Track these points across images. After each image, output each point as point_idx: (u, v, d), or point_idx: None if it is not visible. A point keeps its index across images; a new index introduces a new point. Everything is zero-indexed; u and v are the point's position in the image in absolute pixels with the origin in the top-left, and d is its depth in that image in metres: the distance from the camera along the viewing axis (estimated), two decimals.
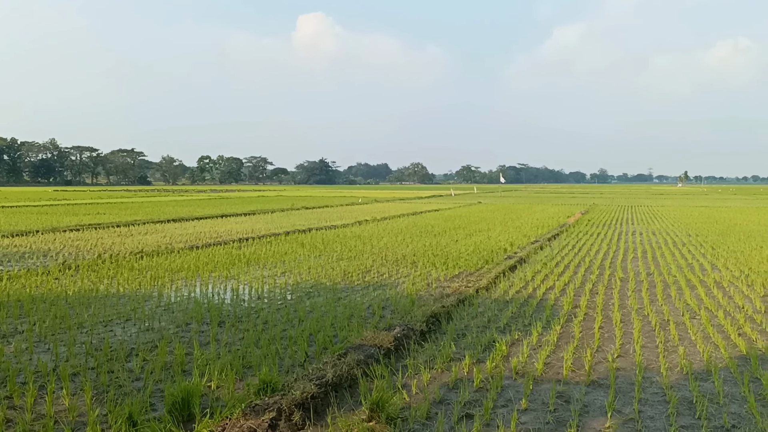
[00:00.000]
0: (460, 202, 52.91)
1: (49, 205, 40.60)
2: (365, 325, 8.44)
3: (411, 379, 6.39)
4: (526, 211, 38.24)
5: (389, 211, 37.10)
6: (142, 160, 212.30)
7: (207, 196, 69.42)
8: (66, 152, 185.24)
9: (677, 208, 43.01)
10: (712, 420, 5.37)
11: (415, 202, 52.34)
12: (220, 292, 11.04)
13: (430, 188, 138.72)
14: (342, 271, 13.22)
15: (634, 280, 12.39)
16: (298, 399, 5.37)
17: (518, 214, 34.88)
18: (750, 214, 35.87)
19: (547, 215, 33.32)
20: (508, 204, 49.71)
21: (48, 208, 37.34)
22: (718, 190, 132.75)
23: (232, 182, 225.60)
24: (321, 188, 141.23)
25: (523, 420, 5.39)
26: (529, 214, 34.01)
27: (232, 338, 7.92)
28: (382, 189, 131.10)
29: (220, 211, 34.01)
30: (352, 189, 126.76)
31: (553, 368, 6.81)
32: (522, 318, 9.10)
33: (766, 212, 37.59)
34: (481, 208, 41.44)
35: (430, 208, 40.56)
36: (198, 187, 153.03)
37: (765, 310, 9.69)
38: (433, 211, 36.98)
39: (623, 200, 61.29)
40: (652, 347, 7.63)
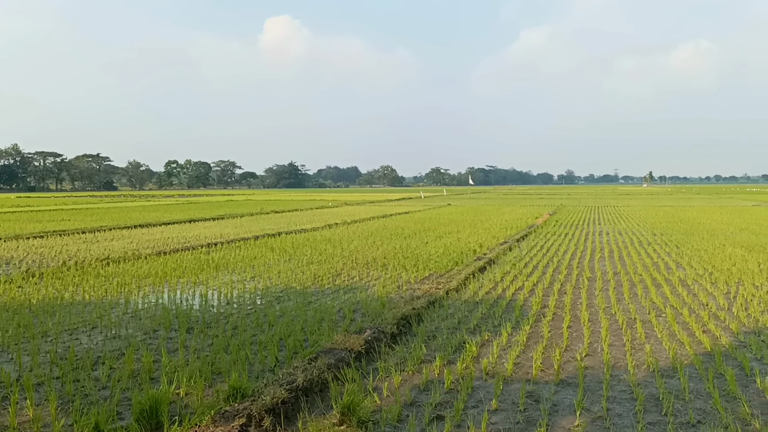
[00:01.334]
0: (429, 205, 53.10)
1: (12, 212, 39.77)
2: (336, 328, 8.42)
3: (382, 382, 6.38)
4: (495, 212, 38.52)
5: (359, 214, 37.07)
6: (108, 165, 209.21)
7: (175, 201, 68.65)
8: (29, 158, 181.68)
9: (642, 208, 43.71)
10: (678, 416, 5.46)
11: (385, 205, 52.38)
12: (189, 298, 10.92)
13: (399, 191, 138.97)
14: (312, 274, 13.17)
15: (602, 280, 12.55)
16: (269, 404, 5.33)
17: (487, 215, 35.12)
18: (713, 213, 36.61)
19: (515, 216, 33.61)
20: (477, 206, 50.03)
21: (10, 215, 36.55)
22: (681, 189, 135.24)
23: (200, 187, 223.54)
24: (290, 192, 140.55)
25: (494, 420, 5.42)
26: (498, 216, 34.27)
27: (201, 344, 7.83)
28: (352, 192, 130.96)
29: (188, 216, 33.64)
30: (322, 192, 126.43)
31: (523, 368, 6.87)
32: (492, 319, 9.16)
33: (729, 211, 38.40)
34: (451, 210, 41.64)
35: (400, 211, 40.63)
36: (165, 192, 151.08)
37: (728, 307, 9.89)
38: (403, 214, 37.05)
39: (590, 201, 62.09)
40: (619, 345, 7.74)
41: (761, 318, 8.98)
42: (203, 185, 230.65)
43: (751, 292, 10.91)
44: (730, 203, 52.82)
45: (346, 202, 57.07)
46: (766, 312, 9.41)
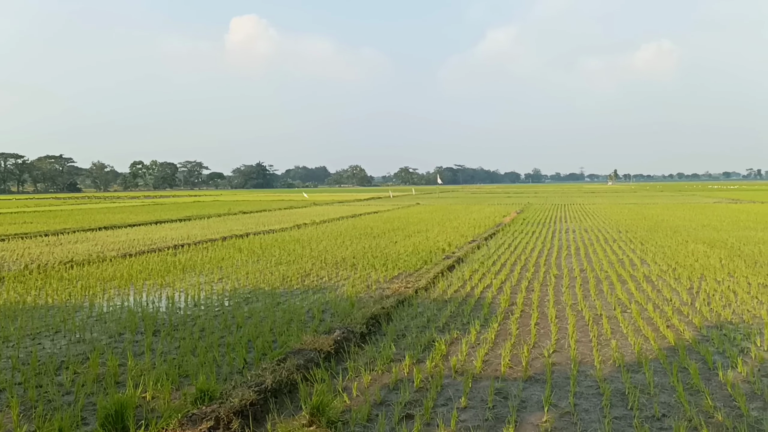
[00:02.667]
0: (398, 204, 53.20)
1: None
2: (305, 329, 8.37)
3: (352, 382, 6.37)
4: (463, 211, 38.74)
5: (328, 214, 36.98)
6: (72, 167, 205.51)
7: (140, 202, 67.70)
8: None
9: (608, 206, 44.35)
10: (643, 410, 5.54)
11: (354, 205, 52.33)
12: (155, 301, 10.77)
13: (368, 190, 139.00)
14: (281, 275, 13.09)
15: (568, 277, 12.70)
16: (237, 406, 5.28)
17: (456, 214, 35.30)
18: (676, 210, 37.30)
19: (483, 215, 33.84)
20: (445, 205, 50.26)
21: None
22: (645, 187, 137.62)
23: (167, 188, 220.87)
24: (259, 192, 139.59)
25: (463, 418, 5.44)
26: (467, 215, 34.47)
27: (168, 347, 7.73)
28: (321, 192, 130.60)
29: (155, 218, 33.20)
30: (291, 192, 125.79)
31: (492, 365, 6.91)
32: (461, 317, 9.20)
33: (691, 208, 39.17)
34: (420, 210, 41.77)
35: (369, 210, 40.63)
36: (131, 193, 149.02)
37: (691, 302, 10.08)
38: (372, 213, 37.05)
39: (557, 199, 62.81)
40: (586, 341, 7.83)
41: (723, 312, 9.17)
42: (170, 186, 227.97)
43: (713, 287, 11.14)
44: (692, 200, 53.90)
45: (314, 202, 56.87)
46: (728, 307, 9.61)
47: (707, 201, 51.71)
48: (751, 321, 8.67)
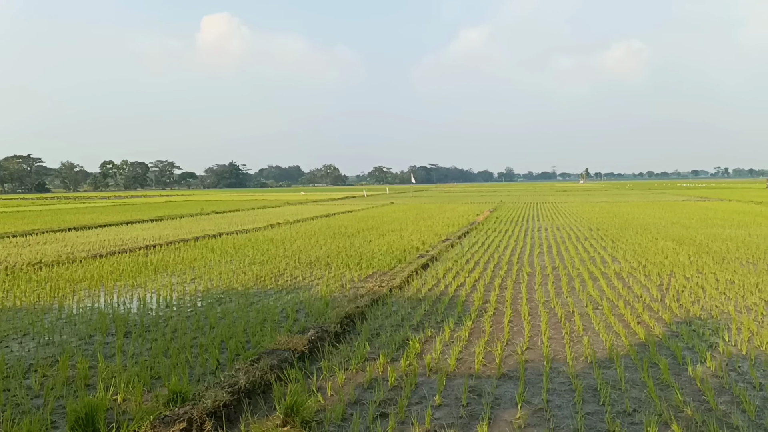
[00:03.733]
0: (372, 203, 53.19)
1: None
2: (279, 329, 8.34)
3: (326, 381, 6.36)
4: (437, 210, 38.86)
5: (302, 213, 36.84)
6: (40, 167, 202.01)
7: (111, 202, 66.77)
8: None
9: (579, 204, 44.82)
10: (615, 405, 5.61)
11: (328, 204, 52.20)
12: (126, 302, 10.64)
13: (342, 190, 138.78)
14: (254, 275, 13.01)
15: (541, 274, 12.81)
16: (210, 408, 5.24)
17: (429, 213, 35.40)
18: (646, 208, 37.82)
19: (457, 214, 33.98)
20: (419, 203, 50.38)
21: None
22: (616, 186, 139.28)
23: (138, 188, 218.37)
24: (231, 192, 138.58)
25: (437, 416, 5.46)
26: (440, 213, 34.58)
27: (140, 349, 7.64)
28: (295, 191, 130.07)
29: (126, 218, 32.76)
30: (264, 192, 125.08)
31: (466, 363, 6.94)
32: (435, 315, 9.23)
33: (660, 206, 39.75)
34: (394, 209, 41.81)
35: (344, 210, 40.56)
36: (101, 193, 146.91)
37: (661, 298, 10.23)
38: (347, 213, 37.00)
39: (529, 197, 63.30)
40: (558, 338, 7.91)
41: (692, 308, 9.32)
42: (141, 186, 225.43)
43: (682, 284, 11.31)
44: (662, 198, 54.69)
45: (288, 202, 56.62)
46: (697, 303, 9.77)
47: (676, 199, 52.52)
48: (719, 317, 8.82)
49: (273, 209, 43.43)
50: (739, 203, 41.77)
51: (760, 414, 5.35)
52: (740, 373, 6.45)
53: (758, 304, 9.48)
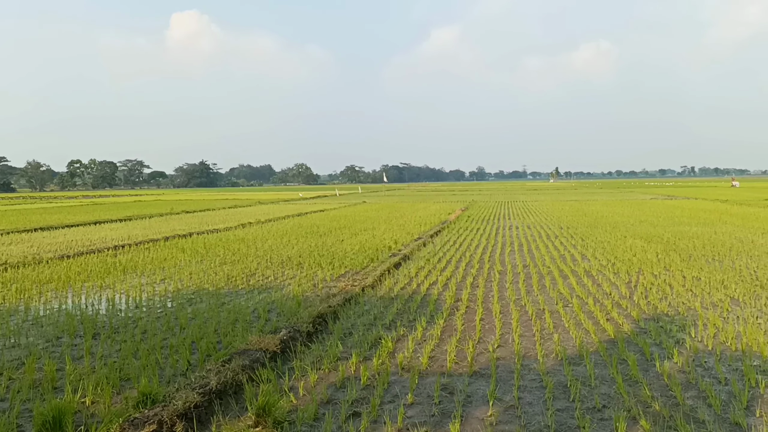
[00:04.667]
0: (345, 202, 53.11)
1: None
2: (250, 329, 8.28)
3: (298, 381, 6.33)
4: (409, 209, 38.94)
5: (274, 212, 36.65)
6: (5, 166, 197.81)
7: (78, 202, 65.70)
8: None
9: (550, 203, 45.27)
10: (584, 402, 5.68)
11: (300, 203, 52.01)
12: (95, 303, 10.47)
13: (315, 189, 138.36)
14: (225, 275, 12.91)
15: (512, 273, 12.91)
16: (181, 409, 5.18)
17: (402, 212, 35.46)
18: (614, 206, 38.33)
19: (429, 213, 34.09)
20: (391, 203, 50.43)
21: None
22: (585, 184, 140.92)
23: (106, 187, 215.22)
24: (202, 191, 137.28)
25: (410, 414, 5.47)
26: (412, 212, 34.66)
27: (108, 350, 7.53)
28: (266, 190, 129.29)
29: (94, 218, 32.26)
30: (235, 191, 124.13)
31: (438, 361, 6.97)
32: (407, 314, 9.25)
33: (629, 205, 40.32)
34: (366, 208, 41.80)
35: (316, 209, 40.43)
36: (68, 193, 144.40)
37: (630, 295, 10.38)
38: (319, 212, 36.89)
39: (500, 196, 63.76)
40: (529, 336, 7.98)
41: (660, 305, 9.47)
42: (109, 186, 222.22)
43: (650, 281, 11.49)
44: (630, 197, 55.47)
45: (260, 201, 56.26)
46: (664, 299, 9.93)
47: (644, 197, 53.31)
48: (686, 313, 8.98)
49: (244, 208, 43.13)
50: (705, 202, 42.56)
51: (726, 408, 5.46)
52: (706, 368, 6.57)
53: (723, 301, 9.67)
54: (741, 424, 5.12)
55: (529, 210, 36.76)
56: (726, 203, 39.41)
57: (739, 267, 12.90)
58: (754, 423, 5.15)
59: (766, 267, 12.83)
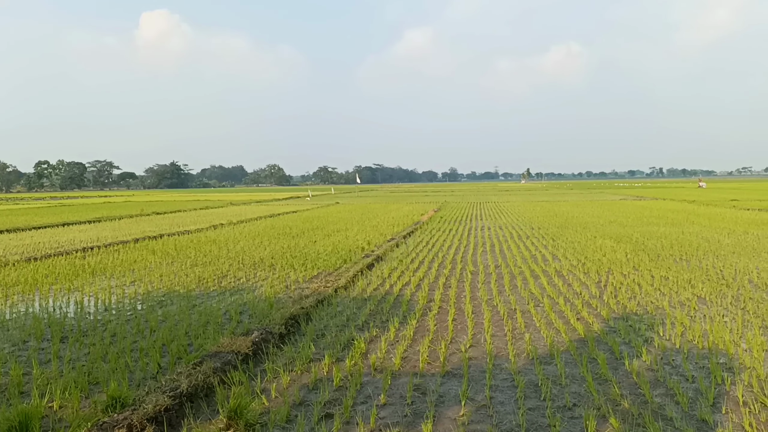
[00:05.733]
0: (318, 203, 52.96)
1: None
2: (222, 331, 8.22)
3: (270, 383, 6.30)
4: (382, 210, 38.97)
5: (246, 214, 36.40)
6: None
7: (46, 203, 64.60)
8: None
9: (521, 204, 45.62)
10: (555, 400, 5.74)
11: (272, 204, 51.72)
12: (63, 306, 10.30)
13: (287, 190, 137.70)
14: (197, 277, 12.79)
15: (484, 273, 12.99)
16: (151, 413, 5.12)
17: (375, 213, 35.46)
18: (585, 207, 38.77)
19: (402, 213, 34.14)
20: (365, 204, 50.40)
21: None
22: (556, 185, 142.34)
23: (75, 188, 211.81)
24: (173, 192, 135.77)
25: (382, 415, 5.48)
26: (385, 213, 34.69)
27: (77, 354, 7.41)
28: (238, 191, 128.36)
29: (62, 220, 31.74)
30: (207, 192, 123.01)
31: (410, 362, 6.99)
32: (380, 314, 9.25)
33: (599, 205, 40.81)
34: (339, 209, 41.73)
35: (288, 210, 40.26)
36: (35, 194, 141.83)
37: (599, 295, 10.51)
38: (291, 213, 36.74)
39: (473, 197, 64.10)
40: (501, 335, 8.03)
41: (629, 304, 9.61)
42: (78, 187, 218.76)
43: (619, 281, 11.65)
44: (600, 197, 56.17)
45: (231, 202, 55.84)
46: (633, 299, 10.07)
47: (614, 198, 54.00)
48: (654, 312, 9.12)
49: (216, 210, 42.78)
50: (673, 202, 43.27)
51: (693, 405, 5.56)
52: (674, 366, 6.68)
53: (691, 300, 9.84)
54: (707, 420, 5.21)
55: (501, 211, 37.01)
56: (693, 204, 40.10)
57: (705, 266, 13.14)
58: (720, 420, 5.25)
59: (731, 266, 13.08)
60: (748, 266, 13.03)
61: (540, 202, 47.32)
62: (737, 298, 9.92)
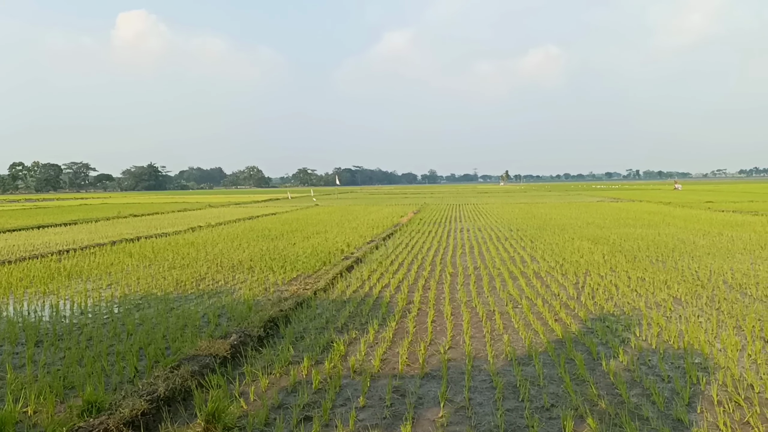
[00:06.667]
0: (297, 205, 52.80)
1: None
2: (200, 334, 8.16)
3: (249, 387, 6.26)
4: (361, 212, 38.94)
5: (224, 216, 36.18)
6: None
7: (21, 206, 63.68)
8: None
9: (500, 206, 45.85)
10: (534, 401, 5.77)
11: (251, 207, 51.45)
12: (38, 310, 10.16)
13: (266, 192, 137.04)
14: (174, 280, 12.69)
15: (463, 275, 13.03)
16: (127, 417, 5.07)
17: (354, 215, 35.43)
18: (563, 209, 39.07)
19: (381, 215, 34.15)
20: (344, 206, 50.34)
21: None
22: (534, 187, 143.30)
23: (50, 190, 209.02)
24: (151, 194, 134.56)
25: (361, 417, 5.47)
26: (365, 215, 34.67)
27: (52, 358, 7.32)
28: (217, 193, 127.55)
29: (37, 222, 31.32)
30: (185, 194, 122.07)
31: (390, 364, 6.99)
32: (359, 317, 9.25)
33: (576, 207, 41.15)
34: (319, 211, 41.63)
35: (267, 212, 40.09)
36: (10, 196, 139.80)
37: (577, 296, 10.60)
38: (270, 215, 36.58)
39: (452, 199, 64.29)
40: (480, 337, 8.06)
41: (606, 305, 9.70)
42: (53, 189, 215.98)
43: (597, 282, 11.75)
44: (578, 199, 56.64)
45: (210, 204, 55.47)
46: (610, 300, 10.17)
47: (591, 200, 54.49)
48: (630, 313, 9.21)
49: (194, 212, 42.47)
50: (649, 204, 43.76)
51: (669, 405, 5.62)
52: (650, 366, 6.75)
53: (667, 300, 9.96)
54: (683, 420, 5.28)
55: (480, 212, 37.17)
56: (669, 205, 40.59)
57: (681, 267, 13.30)
58: (695, 419, 5.32)
59: (706, 267, 13.26)
60: (723, 267, 13.22)
61: (518, 204, 47.59)
62: (712, 299, 10.06)
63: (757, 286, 10.97)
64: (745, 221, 25.40)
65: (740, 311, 9.09)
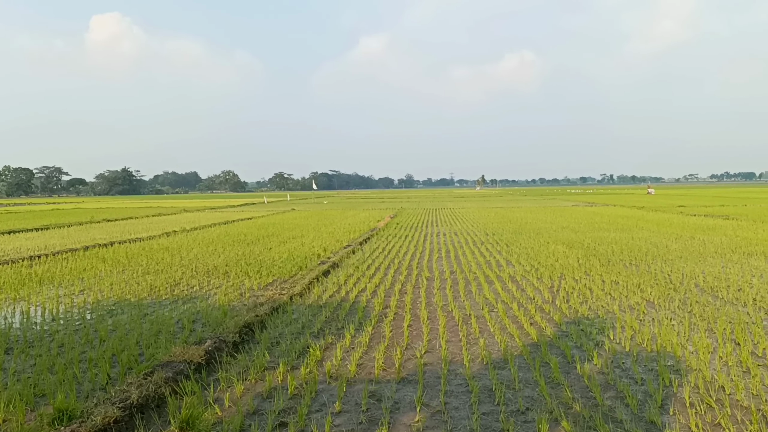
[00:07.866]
0: (273, 210, 52.54)
1: None
2: (174, 340, 8.07)
3: (224, 393, 6.21)
4: (338, 216, 38.88)
5: (199, 220, 35.88)
6: None
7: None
8: None
9: (476, 210, 46.07)
10: (509, 405, 5.80)
11: (227, 211, 51.10)
12: (8, 316, 9.98)
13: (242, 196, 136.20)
14: (148, 285, 12.54)
15: (439, 279, 13.06)
16: (99, 425, 5.00)
17: (331, 219, 35.36)
18: (538, 213, 39.35)
19: (358, 220, 34.12)
20: (321, 210, 50.21)
21: None
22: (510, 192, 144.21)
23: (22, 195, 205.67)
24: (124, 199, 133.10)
25: (337, 422, 5.45)
26: (342, 220, 34.62)
27: (22, 366, 7.19)
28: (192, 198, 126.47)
29: (7, 227, 30.78)
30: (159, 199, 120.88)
31: (366, 368, 6.98)
32: (335, 321, 9.22)
33: (551, 211, 41.48)
34: (295, 215, 41.47)
35: (243, 217, 39.83)
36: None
37: (552, 300, 10.67)
38: (246, 220, 36.36)
39: (428, 204, 64.45)
40: (456, 341, 8.08)
41: (580, 309, 9.78)
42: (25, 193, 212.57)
43: (571, 285, 11.85)
44: (553, 204, 57.09)
45: (185, 209, 54.98)
46: (585, 303, 10.26)
47: (566, 204, 54.95)
48: (605, 316, 9.30)
49: (169, 217, 42.07)
50: (623, 208, 44.26)
51: (642, 407, 5.68)
52: (624, 369, 6.82)
53: (640, 304, 10.07)
54: (656, 422, 5.34)
55: (457, 217, 37.30)
56: (642, 210, 41.09)
57: (654, 271, 13.47)
58: (668, 421, 5.38)
59: (679, 271, 13.44)
60: (695, 271, 13.41)
61: (494, 209, 47.84)
62: (684, 302, 10.20)
63: (728, 289, 11.14)
64: (717, 225, 25.81)
65: (712, 314, 9.22)
